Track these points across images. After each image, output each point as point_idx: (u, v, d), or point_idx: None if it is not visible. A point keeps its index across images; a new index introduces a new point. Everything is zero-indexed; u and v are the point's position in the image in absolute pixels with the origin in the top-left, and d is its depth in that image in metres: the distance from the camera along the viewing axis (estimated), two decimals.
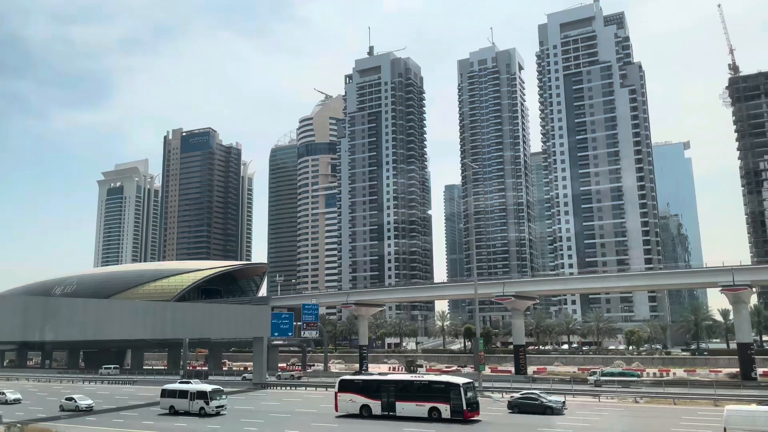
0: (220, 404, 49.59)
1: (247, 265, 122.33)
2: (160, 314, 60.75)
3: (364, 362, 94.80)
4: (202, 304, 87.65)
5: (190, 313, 66.69)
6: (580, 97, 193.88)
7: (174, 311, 63.99)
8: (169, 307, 67.30)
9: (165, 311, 62.46)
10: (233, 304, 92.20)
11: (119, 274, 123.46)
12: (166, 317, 61.16)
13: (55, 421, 46.94)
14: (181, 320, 62.72)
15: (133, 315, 57.79)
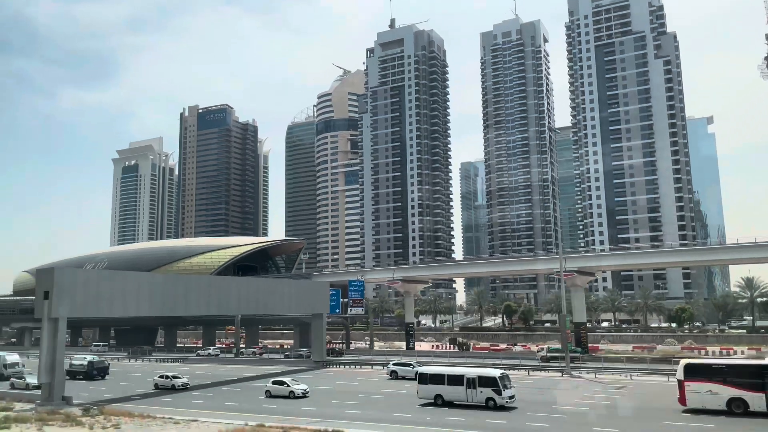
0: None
1: (285, 242, 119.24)
2: (226, 289, 57.65)
3: (411, 340, 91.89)
4: (265, 279, 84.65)
5: (255, 288, 63.18)
6: (612, 69, 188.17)
7: (239, 286, 60.73)
8: (234, 282, 64.10)
9: (231, 286, 59.29)
10: (293, 280, 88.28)
11: (151, 251, 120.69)
12: (232, 293, 58.08)
13: (146, 400, 43.96)
14: (245, 296, 59.57)
15: (206, 290, 54.63)
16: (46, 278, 42.56)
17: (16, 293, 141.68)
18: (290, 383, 46.09)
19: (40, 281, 43.02)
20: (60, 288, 42.27)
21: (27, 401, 43.44)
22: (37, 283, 43.34)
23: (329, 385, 52.51)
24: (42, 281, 42.85)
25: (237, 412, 39.35)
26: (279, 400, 44.06)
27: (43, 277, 43.06)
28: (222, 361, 76.42)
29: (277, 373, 56.53)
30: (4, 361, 59.34)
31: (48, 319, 42.05)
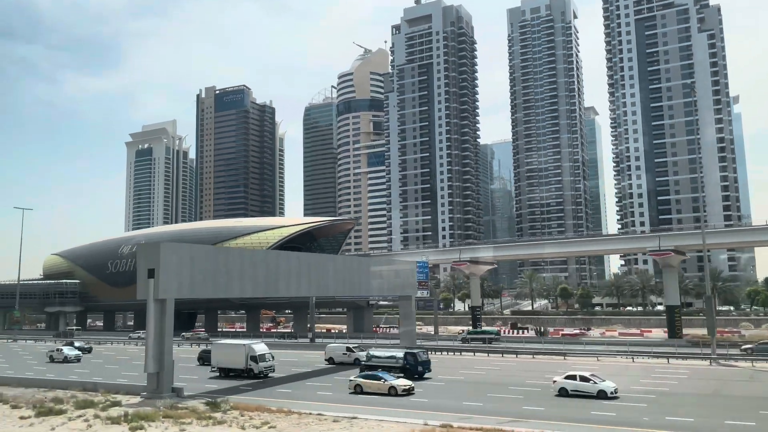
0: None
1: (335, 222, 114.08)
2: (324, 268, 52.41)
3: (479, 325, 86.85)
4: (358, 257, 79.43)
5: (351, 267, 57.46)
6: (654, 43, 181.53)
7: (336, 265, 55.44)
8: (331, 260, 58.79)
9: (328, 265, 54.03)
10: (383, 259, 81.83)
11: (193, 232, 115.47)
12: (329, 272, 52.84)
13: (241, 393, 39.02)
14: (342, 276, 54.23)
15: (306, 269, 49.31)
16: (151, 254, 37.41)
17: (46, 276, 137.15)
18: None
19: (144, 257, 37.86)
20: (167, 265, 37.15)
21: (126, 393, 38.51)
22: (140, 260, 38.19)
23: (456, 374, 47.34)
24: (146, 258, 37.69)
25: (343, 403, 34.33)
26: (375, 396, 38.32)
27: (147, 253, 37.89)
28: (292, 347, 71.29)
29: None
30: None
31: (154, 300, 36.97)
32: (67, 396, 37.67)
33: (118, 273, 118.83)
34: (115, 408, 32.65)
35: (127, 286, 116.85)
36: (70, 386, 42.00)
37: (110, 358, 69.50)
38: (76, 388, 41.37)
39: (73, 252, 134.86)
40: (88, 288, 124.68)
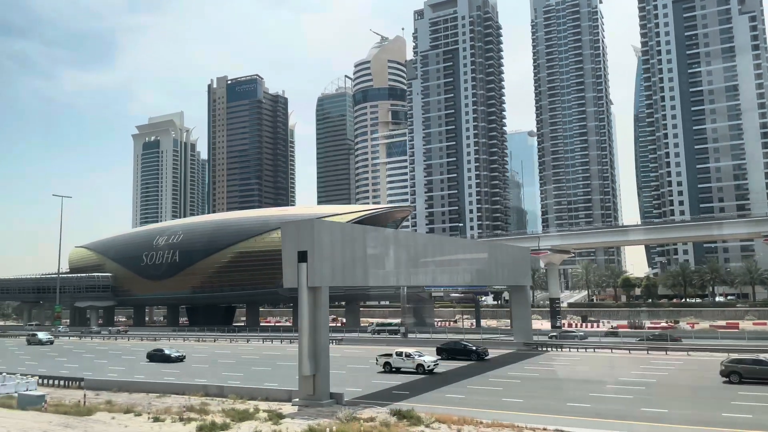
0: None
1: (392, 209, 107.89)
2: (454, 255, 45.45)
3: (558, 318, 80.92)
4: (491, 242, 72.64)
5: (475, 253, 49.52)
6: (693, 26, 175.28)
7: (465, 251, 48.56)
8: (461, 246, 52.12)
9: (458, 250, 47.23)
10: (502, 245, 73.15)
11: (238, 221, 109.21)
12: (460, 259, 46.02)
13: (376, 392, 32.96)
14: (469, 264, 47.23)
15: (440, 254, 42.75)
16: (304, 234, 31.10)
17: (73, 270, 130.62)
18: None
19: (293, 238, 31.56)
20: (321, 247, 30.93)
21: (270, 399, 32.39)
22: (288, 241, 31.89)
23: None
24: (296, 238, 31.39)
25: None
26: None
27: (297, 233, 31.54)
28: (378, 341, 64.67)
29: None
30: None
31: (307, 288, 30.79)
32: (197, 403, 31.63)
33: (154, 265, 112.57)
34: (287, 421, 26.55)
35: (164, 278, 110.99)
36: (188, 390, 35.96)
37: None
38: (196, 393, 35.33)
39: (103, 244, 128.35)
40: (120, 281, 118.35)
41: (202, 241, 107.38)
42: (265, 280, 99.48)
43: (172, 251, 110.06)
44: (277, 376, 43.46)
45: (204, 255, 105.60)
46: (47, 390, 40.15)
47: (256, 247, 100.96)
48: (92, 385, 40.02)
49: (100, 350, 70.70)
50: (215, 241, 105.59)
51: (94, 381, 40.55)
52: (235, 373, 46.28)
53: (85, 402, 33.34)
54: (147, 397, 36.20)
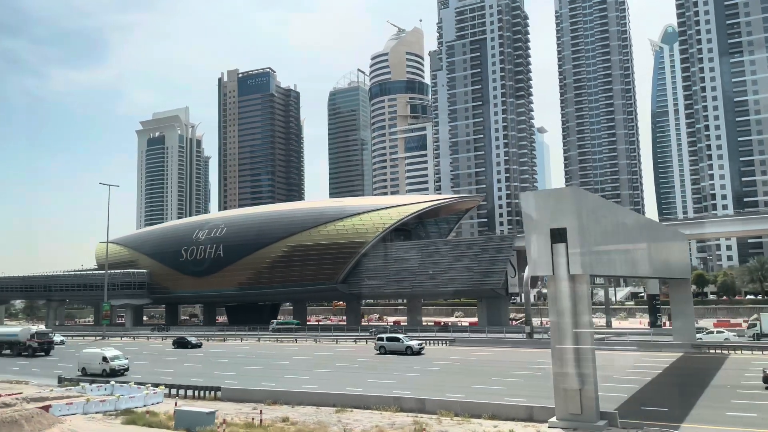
0: None
1: (463, 198, 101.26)
2: (660, 244, 38.18)
3: (658, 316, 74.56)
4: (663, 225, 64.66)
5: (661, 241, 42.15)
6: (734, 14, 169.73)
7: (661, 239, 41.40)
8: (663, 232, 44.89)
9: (661, 238, 40.10)
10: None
11: (289, 213, 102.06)
12: (662, 248, 39.00)
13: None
14: (662, 253, 40.26)
15: (649, 242, 35.57)
16: (562, 206, 24.24)
17: (100, 267, 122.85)
18: None
19: (544, 211, 24.67)
20: (585, 224, 24.08)
21: (507, 417, 25.59)
22: (535, 216, 25.02)
23: None
24: (548, 211, 24.51)
25: None
26: None
27: (552, 205, 24.65)
28: (513, 343, 57.30)
29: None
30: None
31: (568, 277, 23.99)
32: (408, 422, 24.86)
33: (195, 261, 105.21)
34: None
35: (207, 275, 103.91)
36: (372, 403, 29.09)
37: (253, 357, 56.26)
38: (386, 407, 28.46)
39: (134, 239, 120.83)
40: (157, 278, 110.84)
41: (249, 234, 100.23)
42: (323, 275, 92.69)
43: (215, 245, 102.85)
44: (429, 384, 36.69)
45: (253, 249, 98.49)
46: (174, 401, 33.19)
47: (312, 240, 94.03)
48: (231, 396, 33.14)
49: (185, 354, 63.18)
50: (265, 235, 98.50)
51: (232, 390, 33.60)
52: (378, 379, 39.48)
53: (261, 421, 26.44)
54: (319, 411, 29.38)
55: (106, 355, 46.40)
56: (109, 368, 45.49)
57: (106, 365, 45.75)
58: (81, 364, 47.46)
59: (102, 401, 30.39)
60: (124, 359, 47.49)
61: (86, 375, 44.60)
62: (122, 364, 46.63)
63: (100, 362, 46.05)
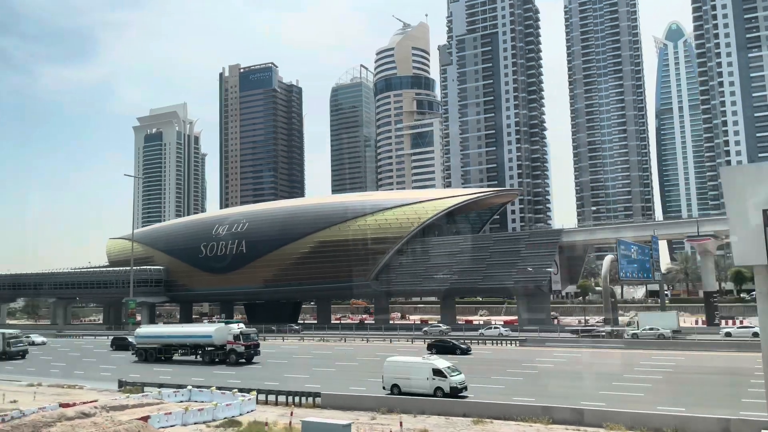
0: None
1: (501, 192, 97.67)
2: None
3: (716, 314, 71.06)
4: None
5: None
6: (752, 8, 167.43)
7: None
8: None
9: None
10: None
11: (315, 208, 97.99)
12: None
13: None
14: None
15: None
16: None
17: (113, 263, 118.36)
18: None
19: (753, 189, 20.83)
20: None
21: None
22: (741, 195, 21.14)
23: None
24: (760, 190, 20.67)
25: None
26: None
27: (764, 181, 20.83)
28: (592, 343, 53.32)
29: None
30: None
31: None
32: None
33: (216, 257, 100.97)
34: None
35: (229, 272, 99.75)
36: (514, 413, 25.28)
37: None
38: (532, 418, 24.69)
39: (148, 234, 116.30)
40: (174, 275, 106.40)
41: (273, 229, 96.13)
42: (353, 272, 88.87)
43: (237, 241, 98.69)
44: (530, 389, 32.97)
45: (278, 245, 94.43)
46: (267, 408, 29.23)
47: (342, 236, 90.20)
48: (334, 402, 29.28)
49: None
50: (290, 230, 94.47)
51: (334, 397, 29.69)
52: (479, 384, 35.64)
53: None
54: (450, 421, 25.64)
55: (439, 367, 32.38)
56: (448, 386, 31.48)
57: (442, 382, 31.70)
58: (391, 378, 33.35)
59: (200, 410, 26.47)
60: (460, 373, 33.26)
61: (399, 393, 31.96)
62: (460, 380, 32.39)
63: (430, 377, 32.03)
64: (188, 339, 55.37)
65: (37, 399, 32.29)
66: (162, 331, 59.90)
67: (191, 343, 54.60)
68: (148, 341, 56.66)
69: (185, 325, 60.31)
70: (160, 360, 54.80)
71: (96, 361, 57.92)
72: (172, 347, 55.66)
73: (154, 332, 59.54)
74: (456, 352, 50.61)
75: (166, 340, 56.42)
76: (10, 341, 60.34)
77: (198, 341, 54.14)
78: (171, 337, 56.99)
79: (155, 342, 56.40)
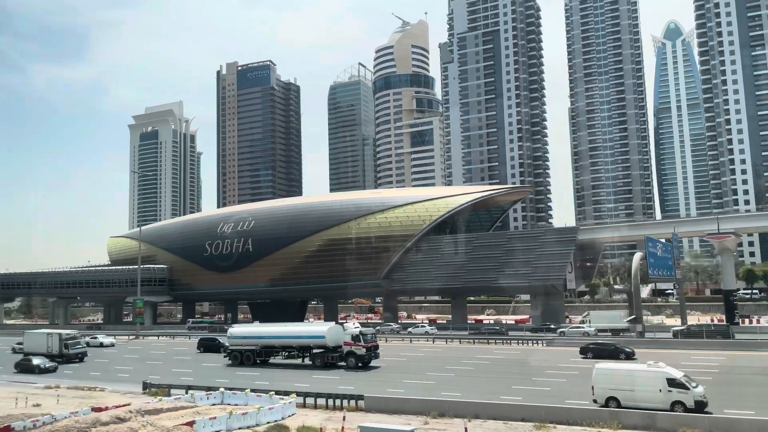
0: None
1: (516, 188, 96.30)
2: None
3: (736, 313, 69.89)
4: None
5: None
6: (755, 6, 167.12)
7: None
8: None
9: None
10: None
11: (324, 205, 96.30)
12: None
13: None
14: None
15: None
16: None
17: (114, 262, 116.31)
18: None
19: None
20: None
21: None
22: None
23: None
24: None
25: None
26: None
27: None
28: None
29: None
30: None
31: None
32: None
33: (221, 255, 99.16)
34: None
35: (234, 270, 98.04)
36: (575, 417, 23.79)
37: None
38: (605, 424, 23.19)
39: (151, 233, 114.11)
40: (178, 274, 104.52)
41: (280, 227, 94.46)
42: (363, 270, 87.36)
43: (243, 239, 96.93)
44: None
45: (286, 243, 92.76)
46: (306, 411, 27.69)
47: (351, 233, 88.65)
48: (378, 406, 27.76)
49: None
50: (298, 228, 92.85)
51: (378, 400, 28.19)
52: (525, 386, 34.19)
53: None
54: (510, 427, 24.20)
55: (676, 377, 27.72)
56: (692, 400, 26.80)
57: (683, 395, 26.92)
58: (605, 390, 28.54)
59: (244, 414, 24.89)
60: (697, 384, 28.61)
61: (618, 407, 27.30)
62: (702, 392, 27.59)
63: (664, 389, 27.28)
64: (294, 340, 50.03)
65: (61, 402, 30.60)
66: (261, 331, 53.75)
67: (298, 345, 49.58)
68: (244, 342, 51.49)
69: (289, 325, 54.95)
70: (257, 363, 49.86)
71: (168, 364, 53.17)
72: (273, 349, 50.84)
73: (251, 332, 53.91)
74: (620, 356, 44.73)
75: (267, 340, 51.24)
76: (67, 342, 55.80)
77: (306, 342, 49.06)
78: (273, 337, 51.42)
79: (253, 343, 51.22)
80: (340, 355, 46.51)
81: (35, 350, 55.11)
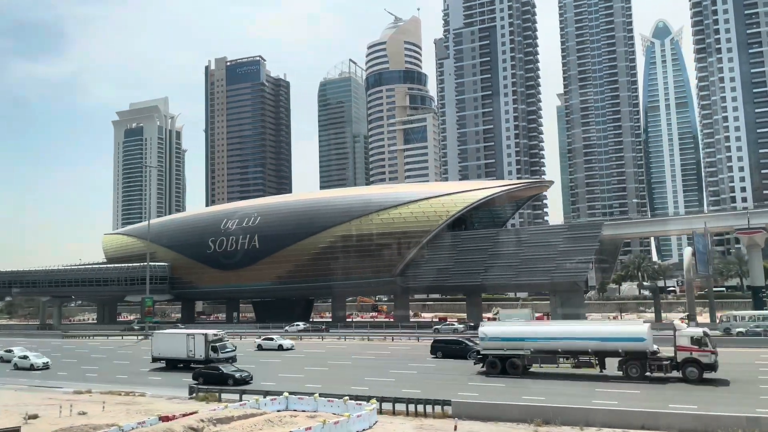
0: None
1: (534, 184, 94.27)
2: None
3: (765, 308, 68.54)
4: None
5: None
6: (752, 4, 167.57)
7: None
8: None
9: None
10: None
11: (333, 201, 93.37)
12: None
13: None
14: None
15: None
16: None
17: (110, 260, 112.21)
18: None
19: None
20: None
21: None
22: None
23: None
24: None
25: None
26: None
27: None
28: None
29: None
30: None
31: None
32: None
33: (225, 253, 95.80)
34: None
35: (239, 268, 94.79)
36: (712, 424, 21.51)
37: None
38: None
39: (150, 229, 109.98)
40: (179, 272, 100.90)
41: (287, 224, 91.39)
42: (376, 268, 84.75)
43: (249, 236, 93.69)
44: None
45: (294, 240, 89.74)
46: (388, 418, 25.08)
47: (363, 230, 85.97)
48: (470, 412, 25.29)
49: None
50: (306, 224, 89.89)
51: (470, 405, 25.69)
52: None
53: None
54: None
55: None
56: None
57: None
58: None
59: (336, 423, 22.25)
60: None
61: None
62: None
63: None
64: (591, 342, 36.96)
65: (107, 409, 27.61)
66: (535, 331, 40.65)
67: (596, 349, 36.72)
68: (509, 346, 38.82)
69: (574, 323, 44.18)
70: (526, 372, 38.55)
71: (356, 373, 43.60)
72: (556, 354, 38.03)
73: (520, 332, 40.19)
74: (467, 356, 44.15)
75: (544, 343, 38.49)
76: (215, 345, 45.39)
77: (612, 346, 36.49)
78: (553, 339, 38.59)
79: (522, 346, 38.48)
80: (670, 363, 35.01)
81: (171, 355, 46.13)
